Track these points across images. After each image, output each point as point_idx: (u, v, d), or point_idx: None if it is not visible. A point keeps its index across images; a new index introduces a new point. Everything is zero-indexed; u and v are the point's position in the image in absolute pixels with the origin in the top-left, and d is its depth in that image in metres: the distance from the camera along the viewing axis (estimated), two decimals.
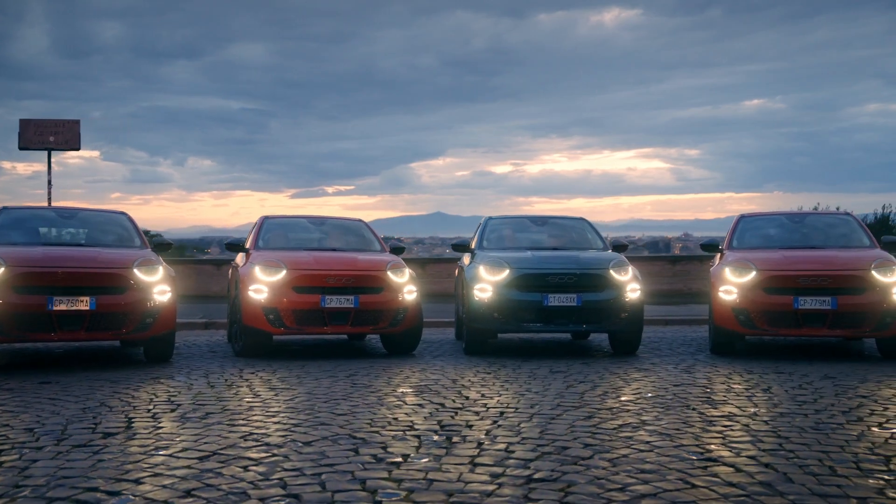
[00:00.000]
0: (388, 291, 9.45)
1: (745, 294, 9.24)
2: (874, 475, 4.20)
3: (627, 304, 9.51)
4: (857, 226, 10.45)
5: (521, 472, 4.23)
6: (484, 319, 9.56)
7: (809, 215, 11.02)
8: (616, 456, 4.58)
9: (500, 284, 9.49)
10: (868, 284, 8.95)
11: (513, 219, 11.61)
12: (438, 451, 4.71)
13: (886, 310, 8.89)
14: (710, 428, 5.37)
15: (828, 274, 9.03)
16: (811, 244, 10.16)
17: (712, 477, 4.16)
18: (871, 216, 27.60)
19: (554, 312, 9.40)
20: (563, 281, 9.40)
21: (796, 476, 4.18)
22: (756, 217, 11.08)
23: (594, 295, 9.42)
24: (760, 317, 9.18)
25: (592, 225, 11.34)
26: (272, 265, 9.35)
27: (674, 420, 5.64)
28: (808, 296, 8.98)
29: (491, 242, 10.81)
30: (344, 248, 10.49)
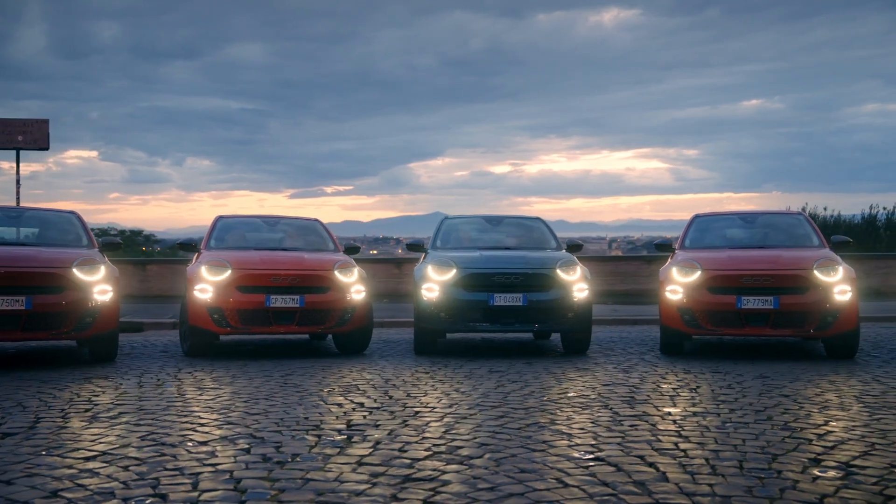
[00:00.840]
0: (334, 291, 9.46)
1: (690, 294, 9.26)
2: (751, 474, 4.22)
3: (574, 304, 9.52)
4: (808, 225, 10.46)
5: (402, 472, 4.24)
6: (431, 319, 9.58)
7: (762, 215, 11.03)
8: (505, 456, 4.60)
9: (447, 284, 9.51)
10: (810, 284, 8.97)
11: (469, 219, 11.63)
12: (332, 450, 4.73)
13: (828, 309, 8.91)
14: (614, 427, 5.39)
15: (770, 273, 9.05)
16: (760, 244, 10.19)
17: (590, 476, 4.17)
18: (859, 216, 27.57)
19: (500, 312, 9.41)
20: (509, 280, 9.42)
21: (674, 475, 4.20)
22: (710, 217, 11.10)
23: (540, 294, 9.44)
24: (705, 316, 9.20)
25: (548, 225, 11.37)
26: (217, 265, 9.37)
27: (584, 420, 5.65)
28: (751, 295, 9.00)
29: (445, 242, 10.83)
30: (295, 247, 10.50)
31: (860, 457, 4.59)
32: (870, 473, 4.26)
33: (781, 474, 4.24)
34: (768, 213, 11.09)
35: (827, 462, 4.48)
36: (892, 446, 4.85)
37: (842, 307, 8.92)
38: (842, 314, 8.92)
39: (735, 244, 10.25)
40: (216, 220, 10.91)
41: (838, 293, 8.92)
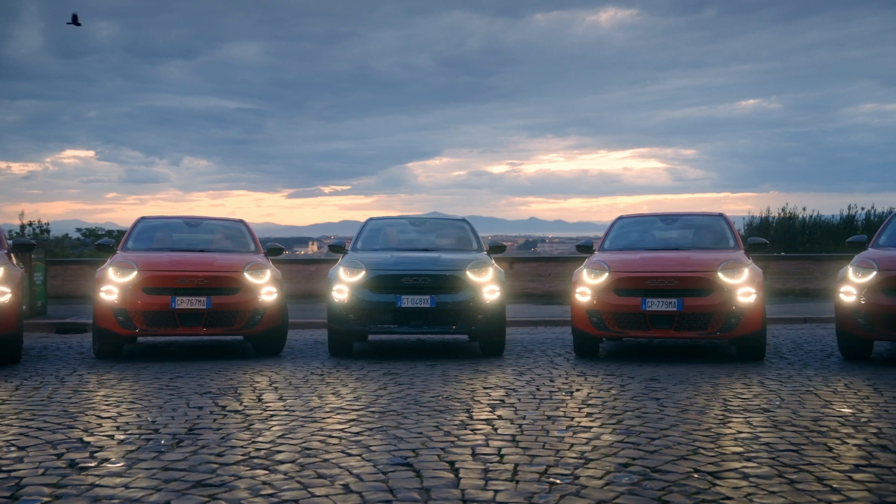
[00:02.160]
0: (244, 292, 9.44)
1: (597, 296, 9.24)
2: (546, 480, 4.20)
3: (484, 306, 9.49)
4: (727, 227, 10.44)
5: (197, 478, 4.22)
6: (340, 320, 9.57)
7: (682, 216, 11.00)
8: (315, 461, 4.58)
9: (356, 286, 9.49)
10: (714, 286, 8.94)
11: (393, 220, 11.60)
12: (147, 455, 4.71)
13: (732, 311, 8.88)
14: (454, 432, 5.37)
15: (674, 276, 9.02)
16: (674, 246, 10.17)
17: (380, 483, 4.15)
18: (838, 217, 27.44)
19: (408, 313, 9.39)
20: (417, 282, 9.40)
21: (469, 481, 4.18)
22: (632, 218, 11.08)
23: (448, 296, 9.42)
24: (611, 318, 9.18)
25: (472, 226, 11.34)
26: (124, 266, 9.35)
27: (431, 424, 5.63)
28: (656, 297, 8.98)
29: (366, 244, 10.82)
30: (212, 248, 10.46)
31: (670, 462, 4.57)
32: (668, 479, 4.24)
33: (577, 480, 4.22)
34: (689, 214, 11.06)
35: (633, 467, 4.47)
36: (712, 450, 4.82)
37: (746, 309, 8.90)
38: (746, 316, 8.90)
39: (650, 246, 10.23)
40: (137, 221, 10.90)
41: (742, 295, 8.90)
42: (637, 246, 10.27)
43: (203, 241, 10.67)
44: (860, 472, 4.38)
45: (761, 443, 5.05)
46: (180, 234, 10.81)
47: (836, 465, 4.55)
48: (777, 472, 4.37)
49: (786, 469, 4.44)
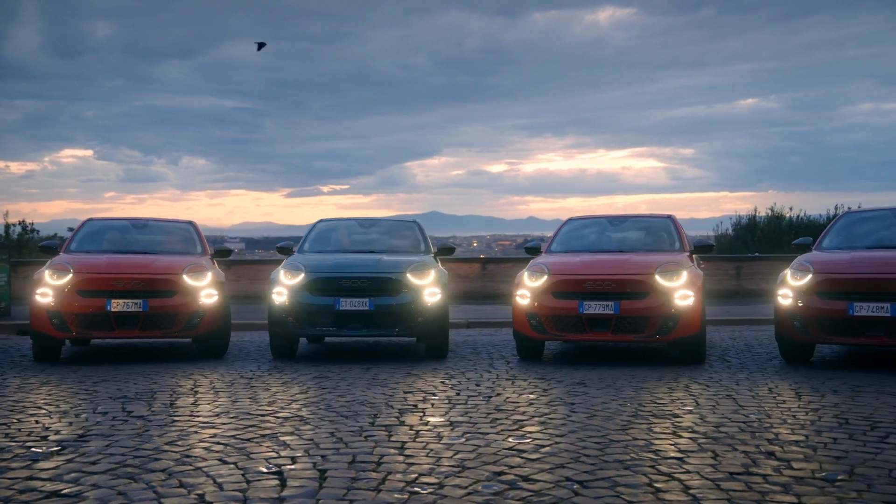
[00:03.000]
0: (182, 295, 9.39)
1: (536, 298, 9.19)
2: (413, 487, 4.15)
3: (425, 308, 9.44)
4: (674, 229, 10.38)
5: (52, 487, 4.18)
6: (279, 323, 9.53)
7: (630, 218, 10.96)
8: (185, 470, 4.53)
9: (295, 288, 9.45)
10: (651, 289, 8.89)
11: (342, 221, 11.55)
12: (18, 463, 4.66)
13: (669, 314, 8.83)
14: (349, 438, 5.32)
15: (612, 279, 8.97)
16: (618, 248, 10.11)
17: (217, 491, 4.10)
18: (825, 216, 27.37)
19: (347, 316, 9.34)
20: (356, 285, 9.35)
21: (295, 488, 4.13)
22: (581, 219, 11.05)
23: (387, 299, 9.36)
24: (550, 321, 9.13)
25: (422, 227, 11.29)
26: (59, 268, 9.31)
27: (323, 431, 5.57)
28: (593, 300, 8.92)
29: (312, 245, 10.78)
30: (156, 250, 10.41)
31: (547, 470, 4.52)
32: (534, 488, 4.18)
33: (442, 489, 4.17)
34: (637, 216, 11.01)
35: (507, 476, 4.41)
36: (594, 458, 4.77)
37: (684, 312, 8.84)
38: (683, 319, 8.84)
39: (594, 248, 10.18)
40: (83, 223, 10.87)
41: (679, 298, 8.85)
42: (581, 248, 10.22)
43: (148, 242, 10.62)
44: (732, 481, 4.33)
45: (650, 450, 5.00)
46: (126, 235, 10.76)
47: (711, 472, 4.49)
48: (648, 482, 4.32)
49: (658, 478, 4.39)
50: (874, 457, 4.82)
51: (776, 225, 30.38)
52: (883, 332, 8.13)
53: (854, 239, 9.51)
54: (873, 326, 8.17)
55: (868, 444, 5.13)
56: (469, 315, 15.20)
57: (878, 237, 9.37)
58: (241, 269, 18.77)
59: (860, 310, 8.18)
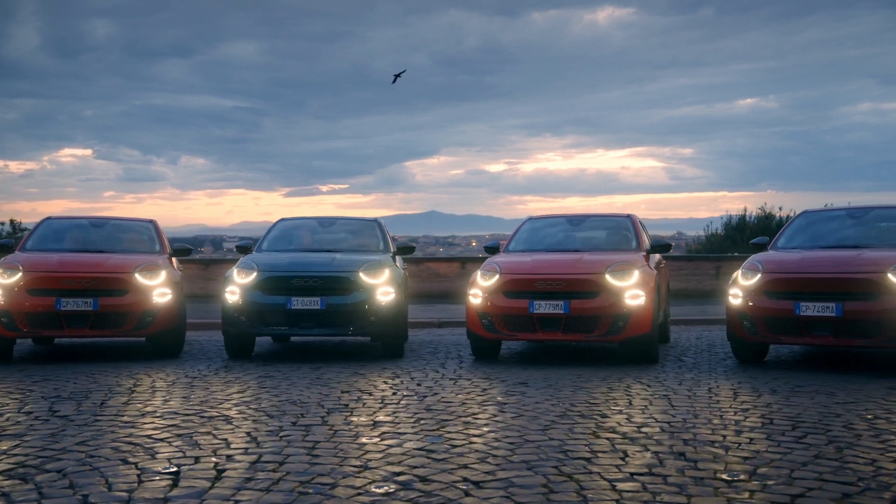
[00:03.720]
0: (133, 294, 9.35)
1: (488, 298, 9.16)
2: (307, 487, 4.12)
3: (378, 308, 9.40)
4: (632, 228, 10.34)
5: None
6: (232, 322, 9.50)
7: (589, 217, 10.92)
8: (81, 470, 4.49)
9: (247, 287, 9.43)
10: (601, 288, 8.85)
11: (302, 220, 11.53)
12: None
13: (619, 314, 8.79)
14: (263, 438, 5.29)
15: (562, 278, 8.94)
16: (575, 247, 10.07)
17: (106, 492, 4.07)
18: None
19: (298, 315, 9.31)
20: (308, 284, 9.32)
21: (193, 487, 4.11)
22: (541, 219, 11.02)
23: (340, 298, 9.33)
24: (501, 321, 9.10)
25: (382, 227, 11.25)
26: (10, 267, 9.28)
27: (240, 432, 5.55)
28: (544, 300, 8.89)
29: (270, 244, 10.76)
30: (112, 249, 10.36)
31: (448, 471, 4.49)
32: (428, 489, 4.15)
33: (334, 489, 4.14)
34: (597, 215, 10.98)
35: (405, 476, 4.38)
36: (500, 459, 4.74)
37: (634, 311, 8.81)
38: (633, 318, 8.80)
39: (550, 247, 10.15)
40: (42, 221, 10.84)
41: (630, 298, 8.81)
42: (538, 248, 10.19)
43: (104, 241, 10.57)
44: (630, 482, 4.30)
45: (561, 450, 4.97)
46: (83, 234, 10.72)
47: (613, 473, 4.46)
48: (545, 482, 4.29)
49: (557, 478, 4.36)
50: (782, 457, 4.79)
51: (766, 224, 30.36)
52: (828, 331, 8.10)
53: (809, 239, 9.48)
54: (819, 326, 8.13)
55: (782, 445, 5.09)
56: (444, 314, 15.20)
57: (832, 237, 9.34)
58: (221, 268, 18.72)
59: (806, 309, 8.14)
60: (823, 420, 5.85)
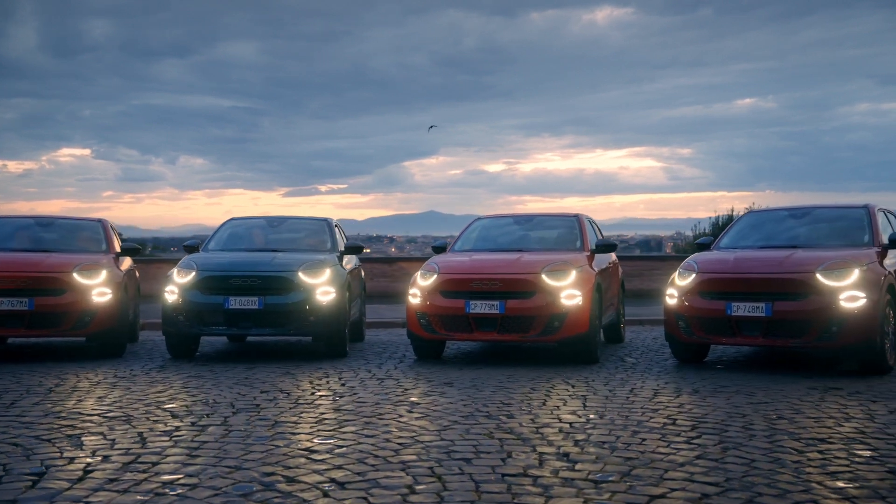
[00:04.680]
0: (71, 293, 9.30)
1: (426, 298, 9.12)
2: (140, 484, 4.09)
3: (318, 307, 9.35)
4: (577, 228, 10.27)
5: None
6: (171, 322, 9.46)
7: (536, 217, 10.87)
8: None
9: (185, 287, 9.39)
10: (537, 288, 8.80)
11: (251, 220, 11.48)
12: None
13: (555, 313, 8.75)
14: (148, 435, 5.25)
15: (498, 278, 8.90)
16: (519, 247, 10.00)
17: None
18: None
19: (237, 315, 9.27)
20: (246, 283, 9.28)
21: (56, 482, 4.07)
22: (488, 219, 10.98)
23: (278, 298, 9.29)
24: (438, 321, 9.06)
25: (332, 227, 11.19)
26: None
27: (121, 430, 5.51)
28: (479, 300, 8.85)
29: (217, 243, 10.72)
30: (55, 248, 10.29)
31: (293, 468, 4.45)
32: (245, 490, 4.12)
33: (142, 484, 4.11)
34: (542, 215, 10.93)
35: (247, 475, 4.35)
36: (365, 460, 4.71)
37: (570, 311, 8.76)
38: (570, 318, 8.76)
39: (496, 247, 10.10)
40: None
41: (566, 297, 8.77)
42: (482, 247, 10.15)
43: (48, 241, 10.51)
44: (499, 483, 4.27)
45: (445, 451, 4.93)
46: (27, 233, 10.66)
47: (486, 474, 4.42)
48: (411, 483, 4.26)
49: (426, 479, 4.32)
50: (664, 458, 4.75)
51: None
52: (758, 332, 8.06)
53: (749, 238, 9.44)
54: (750, 326, 8.10)
55: (671, 445, 5.06)
56: None
57: (770, 237, 9.30)
58: None
59: (737, 310, 8.11)
60: (727, 420, 5.81)
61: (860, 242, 8.76)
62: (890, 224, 9.51)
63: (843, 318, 7.75)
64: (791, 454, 4.82)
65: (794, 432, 5.41)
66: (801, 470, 4.47)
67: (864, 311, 7.76)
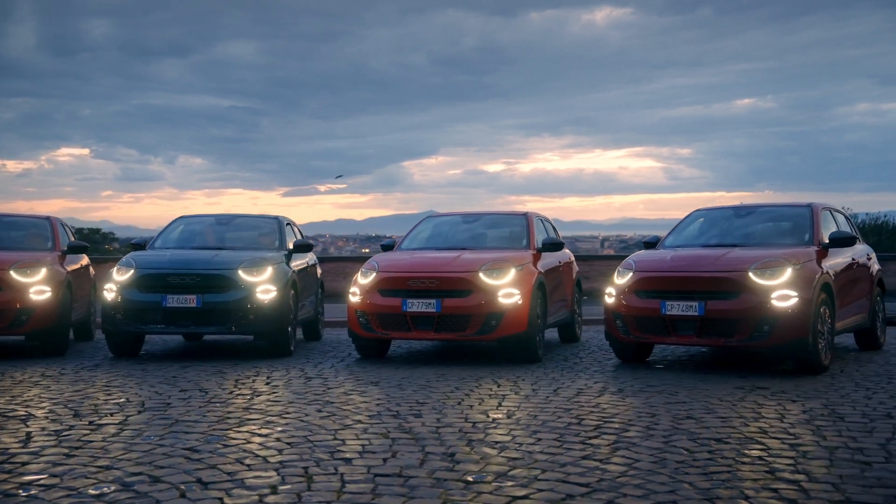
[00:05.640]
0: (7, 291, 9.22)
1: (365, 296, 9.03)
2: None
3: (258, 306, 9.26)
4: (525, 227, 10.15)
5: None
6: (109, 320, 9.38)
7: (484, 216, 10.77)
8: None
9: (124, 285, 9.31)
10: (474, 287, 8.71)
11: (200, 218, 11.38)
12: None
13: (492, 312, 8.66)
14: (23, 430, 5.17)
15: (435, 276, 8.81)
16: (462, 246, 9.89)
17: None
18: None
19: (174, 313, 9.18)
20: (184, 281, 9.19)
21: None
22: (438, 217, 10.90)
23: (216, 296, 9.20)
24: (376, 320, 8.97)
25: (282, 225, 11.07)
26: None
27: (16, 428, 5.43)
28: (417, 298, 8.76)
29: (164, 242, 10.63)
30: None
31: (168, 467, 4.37)
32: (110, 489, 4.04)
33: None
34: (490, 213, 10.84)
35: (114, 474, 4.26)
36: (247, 457, 4.62)
37: (508, 310, 8.67)
38: (507, 317, 8.66)
39: (441, 245, 10.01)
40: None
41: (503, 296, 8.68)
42: (427, 245, 10.06)
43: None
44: (364, 483, 4.18)
45: (329, 451, 4.84)
46: None
47: (360, 474, 4.34)
48: (278, 482, 4.17)
49: (294, 479, 4.24)
50: (550, 458, 4.67)
51: None
52: (692, 331, 7.97)
53: (694, 238, 9.35)
54: (684, 325, 8.01)
55: (564, 445, 4.98)
56: None
57: (712, 236, 9.21)
58: None
59: (672, 308, 8.02)
60: (634, 420, 5.72)
61: (800, 241, 8.68)
62: (836, 223, 9.42)
63: (774, 317, 7.67)
64: (679, 455, 4.73)
65: (696, 432, 5.32)
66: (680, 470, 4.39)
67: (796, 310, 7.68)
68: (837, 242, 8.61)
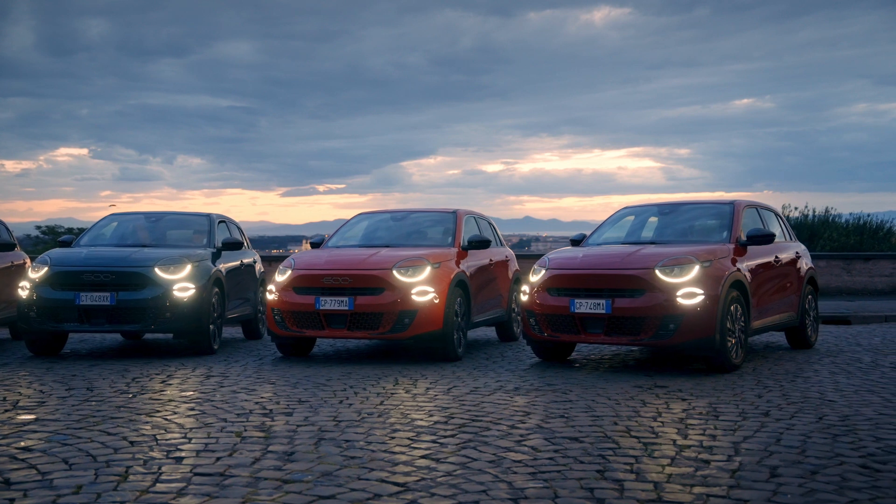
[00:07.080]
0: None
1: (280, 294, 8.92)
2: None
3: (175, 304, 9.13)
4: (452, 225, 10.00)
5: None
6: (24, 318, 9.26)
7: (414, 213, 10.63)
8: None
9: (37, 282, 9.19)
10: (387, 285, 8.59)
11: (130, 215, 11.27)
12: None
13: (404, 310, 8.54)
14: None
15: (348, 274, 8.68)
16: (387, 243, 9.76)
17: None
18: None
19: (89, 311, 9.05)
20: (98, 279, 9.07)
21: None
22: (368, 215, 10.75)
23: (132, 294, 9.07)
24: (290, 318, 8.85)
25: (213, 223, 10.89)
26: None
27: None
28: (330, 296, 8.64)
29: (91, 239, 10.51)
30: None
31: None
32: None
33: None
34: (421, 211, 10.69)
35: None
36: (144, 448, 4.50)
37: (421, 308, 8.54)
38: (421, 315, 8.53)
39: (366, 243, 9.88)
40: None
41: (416, 294, 8.55)
42: (352, 243, 9.94)
43: None
44: (177, 483, 4.05)
45: (164, 450, 4.72)
46: None
47: (180, 473, 4.21)
48: (125, 475, 4.05)
49: (109, 478, 4.11)
50: (388, 458, 4.54)
51: None
52: (600, 329, 7.84)
53: (616, 235, 9.22)
54: (592, 324, 7.87)
55: (413, 444, 4.87)
56: None
57: (632, 233, 9.09)
58: None
59: (580, 307, 7.88)
60: (502, 420, 5.59)
61: (717, 239, 8.55)
62: (762, 221, 9.29)
63: (680, 315, 7.54)
64: (521, 454, 4.61)
65: (557, 431, 5.19)
66: (511, 470, 4.27)
67: (702, 308, 7.55)
68: (756, 240, 8.48)
